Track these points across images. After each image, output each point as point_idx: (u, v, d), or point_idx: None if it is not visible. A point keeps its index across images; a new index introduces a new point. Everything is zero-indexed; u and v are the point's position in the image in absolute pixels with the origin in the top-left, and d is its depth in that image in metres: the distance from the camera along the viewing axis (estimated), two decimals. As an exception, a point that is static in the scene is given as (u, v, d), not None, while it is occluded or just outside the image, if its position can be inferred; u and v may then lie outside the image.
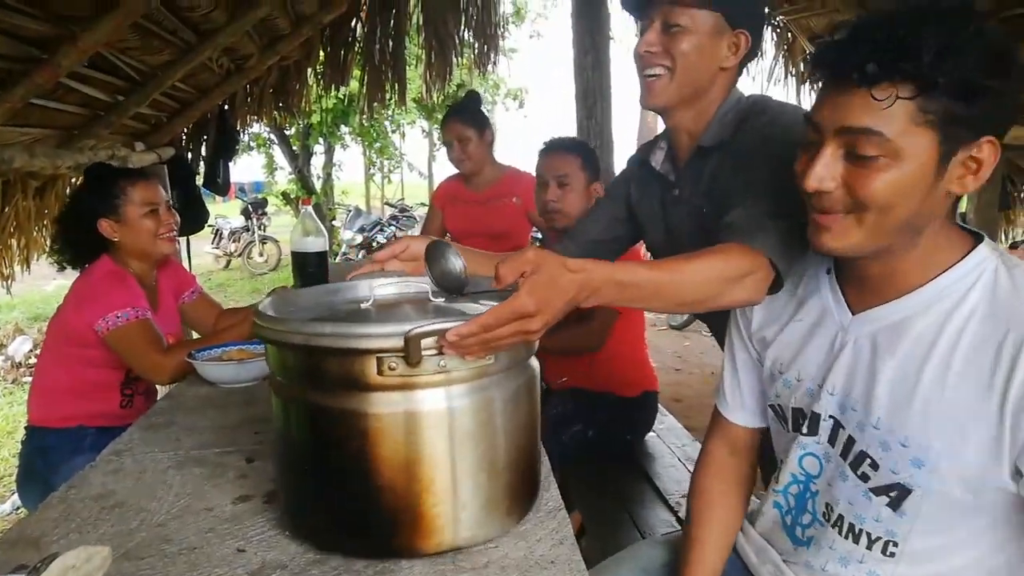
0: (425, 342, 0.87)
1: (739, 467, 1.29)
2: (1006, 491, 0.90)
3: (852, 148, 0.87)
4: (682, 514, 2.11)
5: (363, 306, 1.15)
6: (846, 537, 1.04)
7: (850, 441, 1.02)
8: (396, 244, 1.34)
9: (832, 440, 1.05)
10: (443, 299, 1.16)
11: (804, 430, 1.09)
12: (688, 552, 1.24)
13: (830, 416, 1.05)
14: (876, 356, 0.98)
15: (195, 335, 2.42)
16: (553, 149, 2.41)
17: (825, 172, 0.90)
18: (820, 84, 0.93)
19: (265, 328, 0.95)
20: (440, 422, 0.94)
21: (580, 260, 0.93)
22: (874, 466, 0.98)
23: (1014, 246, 3.82)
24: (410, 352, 0.87)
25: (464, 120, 2.90)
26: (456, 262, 1.22)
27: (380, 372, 0.89)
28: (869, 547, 1.02)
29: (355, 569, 0.96)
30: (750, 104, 1.37)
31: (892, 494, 0.97)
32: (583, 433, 2.31)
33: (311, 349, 0.92)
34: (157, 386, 2.19)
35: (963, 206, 4.61)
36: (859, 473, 1.01)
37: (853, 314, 1.03)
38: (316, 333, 0.90)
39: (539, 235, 3.22)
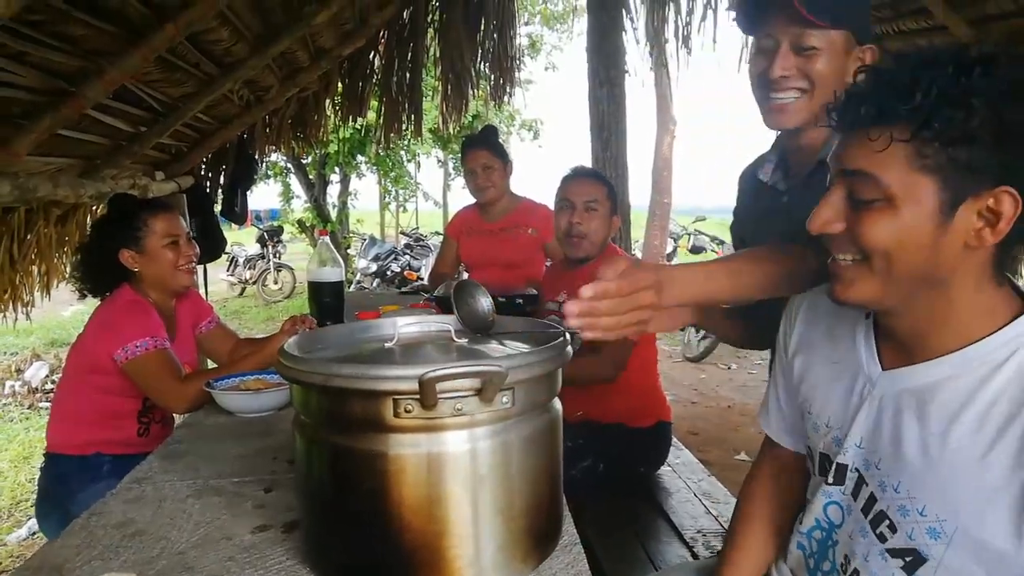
0: (442, 385, 0.87)
1: (785, 491, 1.26)
2: None
3: (852, 192, 0.87)
4: (698, 550, 2.09)
5: (387, 345, 1.16)
6: None
7: (872, 499, 1.00)
8: None
9: (855, 494, 1.03)
10: (466, 339, 1.16)
11: (830, 479, 1.07)
12: (722, 573, 1.23)
13: (856, 469, 1.03)
14: (901, 419, 0.95)
15: (211, 364, 2.44)
16: (580, 175, 2.43)
17: (829, 214, 0.89)
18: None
19: (286, 367, 0.97)
20: (457, 465, 0.94)
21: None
22: (892, 528, 0.96)
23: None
24: (425, 395, 0.86)
25: (490, 149, 2.97)
26: (484, 301, 1.24)
27: (396, 414, 0.90)
28: None
29: (373, 602, 0.96)
30: None
31: (908, 559, 0.94)
32: (593, 468, 2.30)
33: (329, 389, 0.93)
34: (174, 415, 2.20)
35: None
36: (878, 532, 0.98)
37: (883, 369, 0.99)
38: (334, 374, 0.91)
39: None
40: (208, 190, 4.51)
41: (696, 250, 9.80)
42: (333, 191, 11.60)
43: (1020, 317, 0.87)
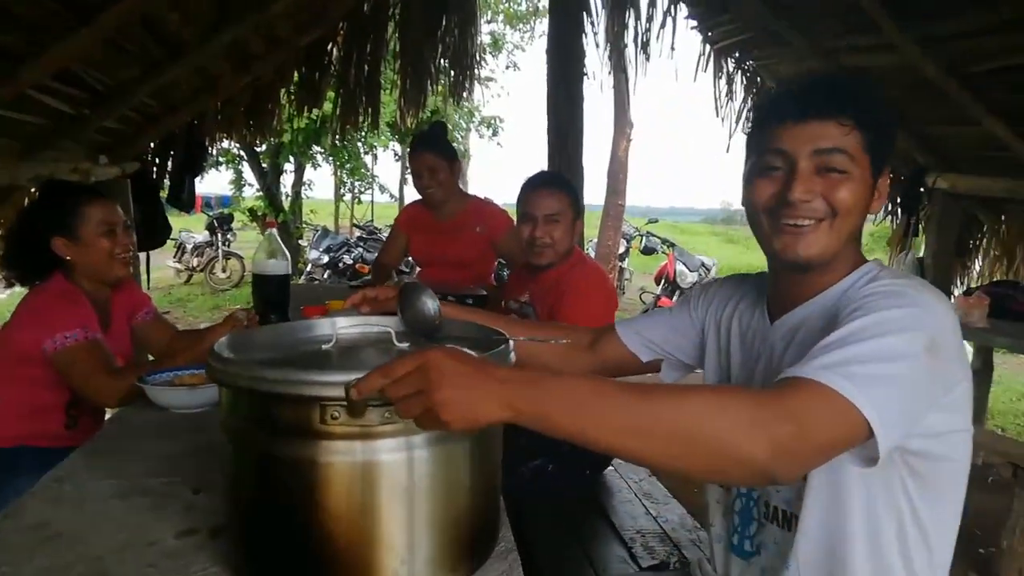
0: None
1: (587, 359, 1.47)
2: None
3: (825, 165, 1.04)
4: (636, 551, 2.11)
5: (324, 347, 1.13)
6: (783, 527, 1.14)
7: None
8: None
9: None
10: (407, 343, 1.14)
11: None
12: None
13: None
14: (783, 355, 1.13)
15: (150, 358, 2.37)
16: (541, 186, 2.38)
17: (810, 185, 1.05)
18: (775, 124, 1.08)
19: (214, 368, 0.94)
20: (384, 475, 0.92)
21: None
22: None
23: (969, 292, 3.91)
24: (351, 402, 0.84)
25: (435, 151, 2.91)
26: (430, 304, 1.22)
27: (323, 421, 0.88)
28: (782, 525, 1.13)
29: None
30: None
31: None
32: (544, 467, 2.29)
33: (255, 393, 0.90)
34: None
35: (921, 251, 4.74)
36: None
37: (771, 324, 1.18)
38: (259, 377, 0.89)
39: (505, 267, 3.22)
40: (155, 176, 4.39)
41: (648, 251, 9.92)
42: (287, 180, 11.39)
43: (862, 266, 1.11)
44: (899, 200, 4.78)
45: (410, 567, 0.95)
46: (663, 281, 7.86)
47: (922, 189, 4.45)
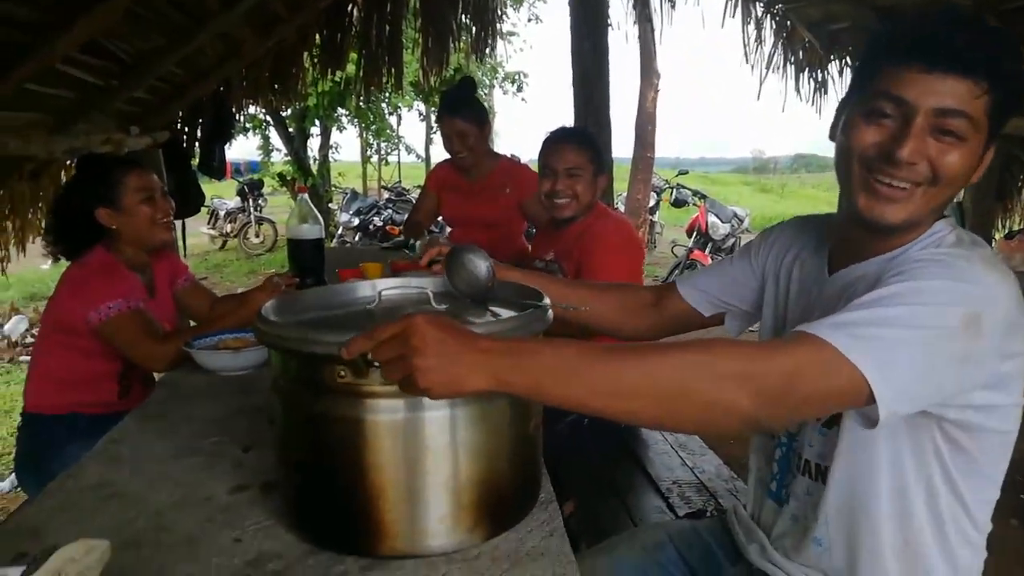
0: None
1: (651, 317, 1.44)
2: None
3: (942, 127, 0.93)
4: (673, 500, 2.14)
5: (368, 307, 1.15)
6: (815, 479, 1.12)
7: None
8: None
9: None
10: (446, 305, 1.15)
11: None
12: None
13: None
14: (833, 309, 1.05)
15: (192, 323, 2.43)
16: (563, 140, 2.34)
17: (919, 146, 0.94)
18: (899, 64, 0.94)
19: (259, 330, 0.99)
20: (427, 431, 0.95)
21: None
22: None
23: (1010, 235, 3.83)
24: (350, 362, 0.88)
25: (463, 116, 2.87)
26: (483, 266, 1.22)
27: (333, 380, 0.92)
28: (814, 477, 1.11)
29: (346, 563, 0.98)
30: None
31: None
32: (579, 421, 2.32)
33: (286, 352, 0.96)
34: (155, 374, 2.20)
35: (961, 194, 4.62)
36: None
37: (828, 276, 1.12)
38: (283, 336, 0.94)
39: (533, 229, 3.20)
40: (185, 145, 4.43)
41: (678, 203, 9.80)
42: (314, 144, 11.43)
43: (935, 224, 1.02)
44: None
45: (455, 519, 0.98)
46: (695, 233, 7.78)
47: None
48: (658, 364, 0.82)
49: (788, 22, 4.58)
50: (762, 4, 4.60)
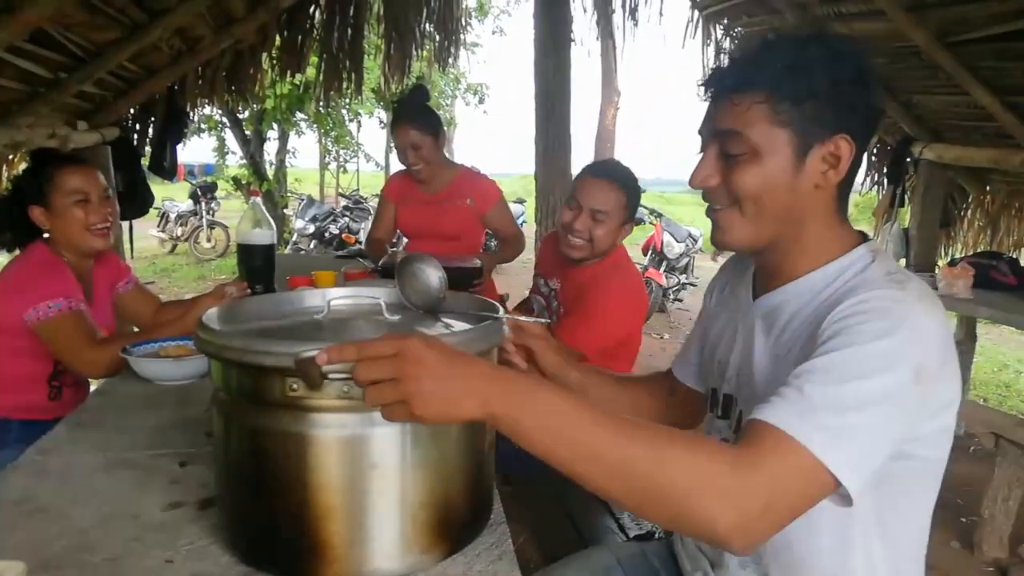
0: (332, 365, 0.82)
1: (675, 407, 1.36)
2: None
3: (723, 148, 0.99)
4: (624, 521, 2.12)
5: (316, 317, 1.11)
6: None
7: (740, 416, 1.10)
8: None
9: (733, 420, 1.13)
10: (399, 316, 1.12)
11: (718, 412, 1.16)
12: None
13: (731, 395, 1.13)
14: (756, 336, 1.08)
15: (135, 330, 2.34)
16: (598, 175, 2.12)
17: (705, 171, 1.01)
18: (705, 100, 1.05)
19: (199, 338, 0.94)
20: (374, 448, 0.91)
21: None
22: None
23: (953, 263, 3.93)
24: (304, 375, 0.83)
25: (417, 126, 2.79)
26: (435, 277, 1.18)
27: (284, 392, 0.87)
28: None
29: (286, 586, 0.93)
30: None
31: None
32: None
33: (229, 363, 0.91)
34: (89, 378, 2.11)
35: (906, 222, 4.75)
36: None
37: (754, 300, 1.12)
38: (227, 346, 0.89)
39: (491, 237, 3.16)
40: (135, 143, 4.30)
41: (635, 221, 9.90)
42: (271, 148, 11.22)
43: (850, 251, 1.01)
44: (885, 170, 4.78)
45: (402, 541, 0.94)
46: (650, 252, 7.84)
47: (908, 159, 4.45)
48: (649, 456, 0.79)
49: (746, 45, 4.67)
50: (721, 26, 4.68)
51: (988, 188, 4.71)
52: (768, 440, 0.82)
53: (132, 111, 4.20)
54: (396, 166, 3.33)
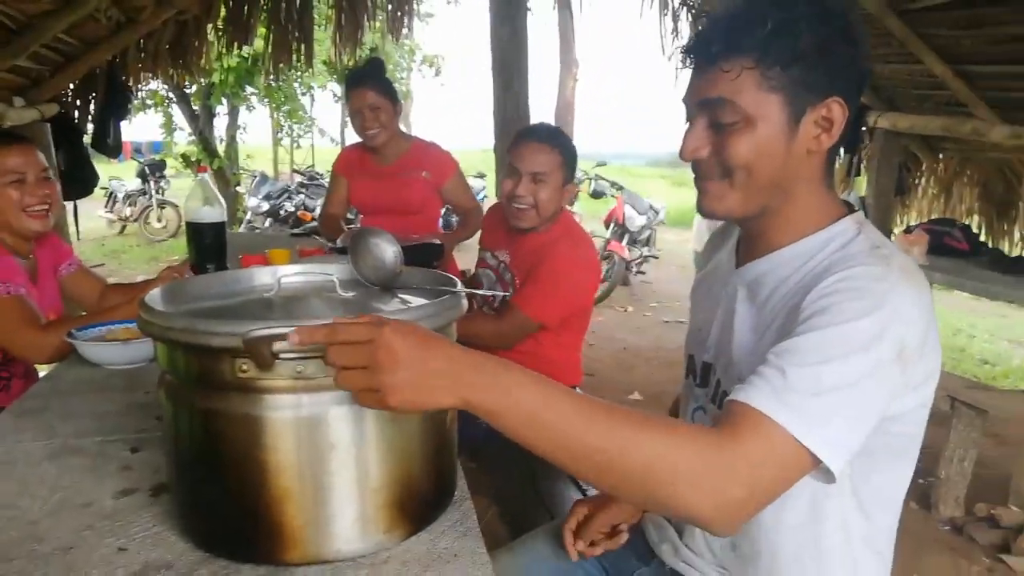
0: (283, 344, 0.80)
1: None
2: None
3: (714, 118, 0.96)
4: (589, 492, 2.13)
5: (266, 295, 1.07)
6: None
7: (718, 384, 1.10)
8: None
9: (710, 388, 1.12)
10: (353, 292, 1.09)
11: (697, 380, 1.16)
12: None
13: (710, 363, 1.13)
14: (737, 304, 1.07)
15: (82, 313, 2.26)
16: (533, 139, 2.14)
17: (696, 142, 0.98)
18: (688, 70, 1.01)
19: (141, 319, 0.90)
20: (328, 428, 0.88)
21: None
22: None
23: (908, 230, 4.02)
24: (254, 355, 0.80)
25: (377, 88, 2.75)
26: (390, 251, 1.15)
27: (234, 374, 0.84)
28: None
29: (242, 572, 0.91)
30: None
31: None
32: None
33: (174, 343, 0.87)
34: (38, 369, 2.03)
35: (862, 190, 4.83)
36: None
37: (736, 268, 1.11)
38: (171, 327, 0.86)
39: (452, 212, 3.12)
40: (76, 120, 4.14)
41: (596, 195, 9.87)
42: (220, 124, 10.93)
43: (837, 221, 1.00)
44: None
45: (363, 521, 0.92)
46: (612, 224, 7.84)
47: (863, 128, 4.51)
48: (628, 442, 0.78)
49: (704, 15, 4.66)
50: (679, -5, 4.66)
51: (941, 156, 4.81)
52: (748, 422, 0.82)
53: (72, 87, 4.05)
54: (352, 141, 3.25)
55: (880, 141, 4.45)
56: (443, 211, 3.13)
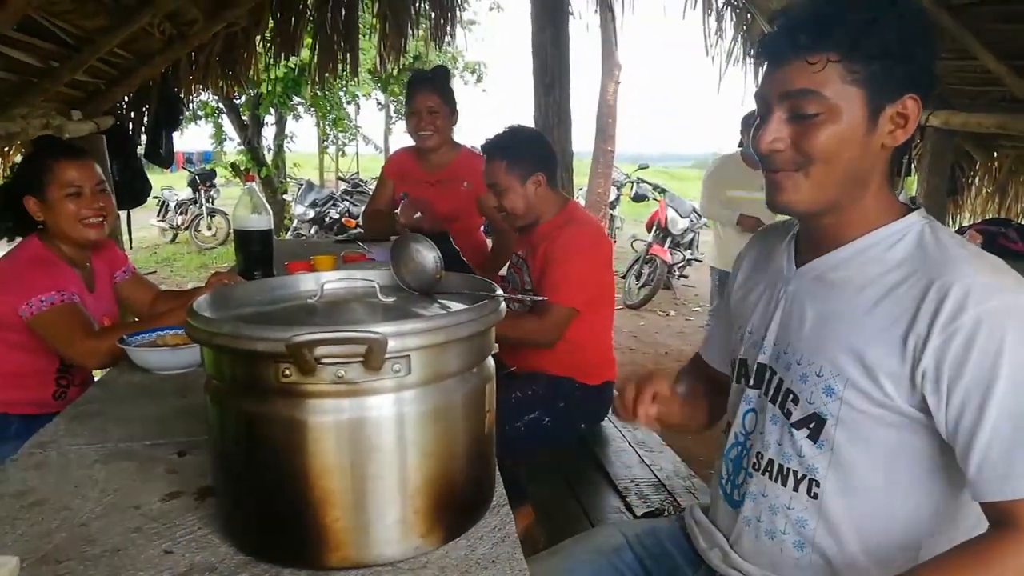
0: (324, 349, 0.81)
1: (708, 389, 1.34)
2: (915, 425, 0.98)
3: (796, 110, 0.97)
4: (630, 499, 2.11)
5: (309, 301, 1.09)
6: (775, 480, 1.08)
7: (779, 383, 1.09)
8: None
9: (767, 388, 1.12)
10: (393, 297, 1.10)
11: (751, 381, 1.16)
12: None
13: (768, 366, 1.12)
14: (804, 301, 1.08)
15: (134, 320, 2.32)
16: (485, 153, 2.31)
17: (774, 134, 0.99)
18: (764, 67, 1.03)
19: (189, 325, 0.92)
20: (372, 432, 0.89)
21: None
22: (795, 400, 1.05)
23: (960, 231, 3.90)
24: (297, 360, 0.81)
25: (439, 93, 2.81)
26: (430, 257, 1.17)
27: (277, 378, 0.85)
28: (796, 488, 1.06)
29: (284, 574, 0.92)
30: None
31: (811, 425, 1.04)
32: (539, 420, 2.27)
33: (221, 349, 0.89)
34: (95, 377, 2.09)
35: (913, 190, 4.70)
36: (784, 410, 1.07)
37: (797, 268, 1.12)
38: (216, 332, 0.87)
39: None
40: (131, 131, 4.27)
41: (638, 198, 9.82)
42: (268, 133, 11.16)
43: (904, 217, 1.03)
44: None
45: (401, 527, 0.93)
46: (655, 228, 7.77)
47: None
48: None
49: (748, 14, 4.60)
50: (723, -5, 4.61)
51: (995, 154, 4.65)
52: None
53: (126, 99, 4.18)
54: (395, 148, 3.28)
55: (932, 139, 4.32)
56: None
